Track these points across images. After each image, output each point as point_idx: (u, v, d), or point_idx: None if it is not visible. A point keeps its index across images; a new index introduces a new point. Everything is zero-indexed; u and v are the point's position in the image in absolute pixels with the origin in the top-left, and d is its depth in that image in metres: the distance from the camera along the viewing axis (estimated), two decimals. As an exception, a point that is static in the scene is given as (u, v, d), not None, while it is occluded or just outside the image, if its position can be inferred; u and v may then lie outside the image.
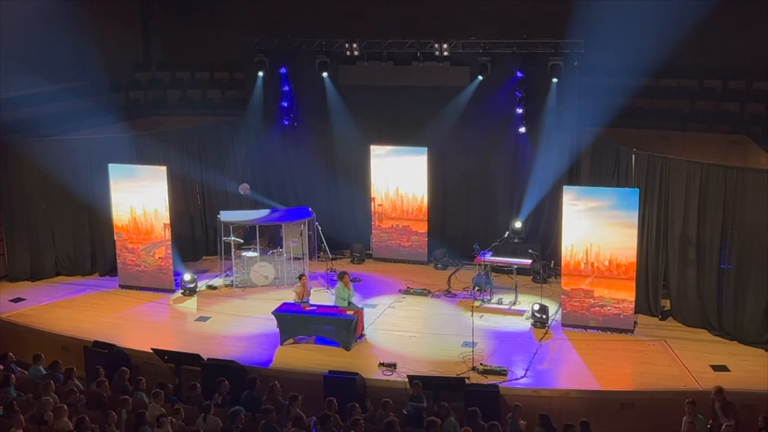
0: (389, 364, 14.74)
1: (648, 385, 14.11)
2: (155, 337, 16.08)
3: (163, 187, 18.16)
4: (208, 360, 14.61)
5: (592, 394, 13.89)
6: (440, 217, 20.61)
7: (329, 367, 14.44)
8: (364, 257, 20.67)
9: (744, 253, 15.29)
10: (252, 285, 18.84)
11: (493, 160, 20.04)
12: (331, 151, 21.14)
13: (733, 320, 15.60)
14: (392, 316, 17.22)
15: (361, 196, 20.75)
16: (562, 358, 15.26)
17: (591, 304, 16.22)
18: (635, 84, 18.84)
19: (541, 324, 16.41)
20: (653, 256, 16.64)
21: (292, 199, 21.41)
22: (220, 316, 17.38)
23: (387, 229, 20.48)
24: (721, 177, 15.48)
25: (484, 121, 19.60)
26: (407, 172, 19.91)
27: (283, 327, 15.87)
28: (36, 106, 20.06)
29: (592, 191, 16.37)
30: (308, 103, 20.97)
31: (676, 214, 16.17)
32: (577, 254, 16.20)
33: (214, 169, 20.84)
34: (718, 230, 15.59)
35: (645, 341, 15.77)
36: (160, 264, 18.56)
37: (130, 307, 17.92)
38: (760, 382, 13.93)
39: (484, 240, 18.73)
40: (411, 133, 19.65)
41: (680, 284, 16.36)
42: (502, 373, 14.38)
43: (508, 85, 19.21)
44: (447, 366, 14.73)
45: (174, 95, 23.15)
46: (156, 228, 18.41)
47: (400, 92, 19.99)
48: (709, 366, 14.59)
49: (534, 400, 13.64)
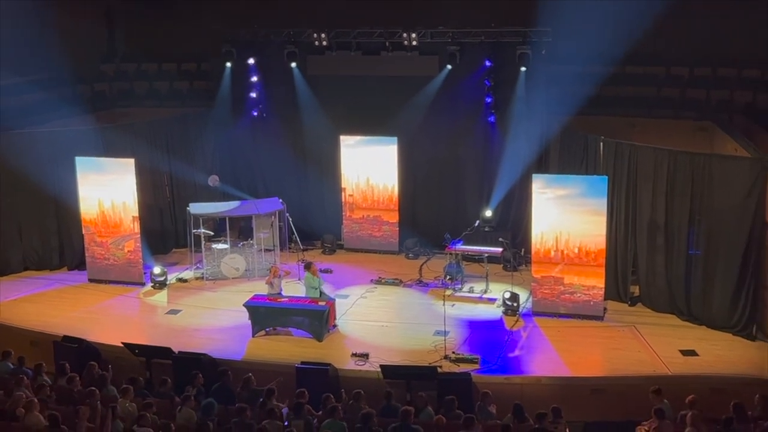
0: (361, 354, 14.75)
1: (618, 370, 14.25)
2: (125, 330, 15.96)
3: (131, 179, 18.00)
4: (179, 353, 14.53)
5: (563, 381, 14.01)
6: (411, 207, 20.63)
7: (301, 358, 14.42)
8: (335, 248, 20.65)
9: (712, 238, 15.46)
10: (223, 277, 18.76)
11: (463, 149, 20.08)
12: (301, 142, 21.06)
13: (702, 305, 15.79)
14: (364, 306, 17.23)
15: (331, 187, 20.71)
16: (533, 346, 15.36)
17: (561, 291, 16.34)
18: (602, 72, 18.93)
19: (512, 312, 16.50)
20: (622, 242, 16.78)
21: (261, 190, 21.31)
22: (191, 308, 17.29)
23: (358, 220, 20.47)
24: (688, 164, 15.63)
25: (453, 110, 19.63)
26: (377, 161, 19.90)
27: (255, 319, 15.82)
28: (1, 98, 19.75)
29: (561, 179, 16.47)
30: (277, 93, 20.87)
31: (644, 200, 16.31)
32: (546, 242, 16.30)
33: (182, 161, 20.67)
34: (685, 216, 15.75)
35: (615, 327, 15.92)
36: (129, 257, 18.42)
37: (99, 301, 17.77)
38: (729, 367, 14.14)
39: (455, 229, 18.79)
40: (381, 123, 19.62)
41: (649, 270, 16.53)
42: (474, 361, 14.45)
43: (477, 74, 19.24)
44: (419, 355, 14.77)
45: (140, 87, 22.92)
46: (125, 221, 18.26)
47: (369, 82, 19.95)
48: (678, 351, 14.76)
49: (506, 388, 13.73)
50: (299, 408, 11.70)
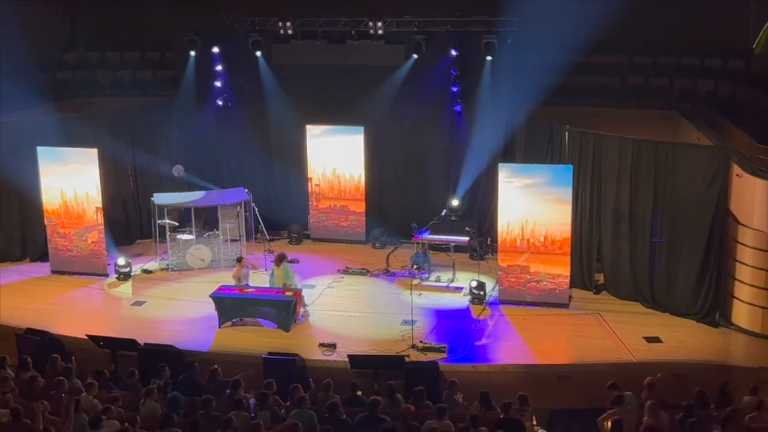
0: (329, 344, 14.74)
1: (584, 357, 14.38)
2: (90, 322, 15.78)
3: (95, 170, 17.80)
4: (144, 345, 14.41)
5: (529, 368, 14.11)
6: (378, 197, 20.62)
7: (268, 348, 14.37)
8: (302, 238, 20.59)
9: (675, 226, 15.65)
10: (188, 268, 18.63)
11: (430, 139, 20.09)
12: (267, 132, 20.94)
13: (665, 292, 15.97)
14: (331, 296, 17.21)
15: (297, 177, 20.64)
16: (499, 334, 15.44)
17: (527, 279, 16.43)
18: (567, 61, 19.03)
19: (479, 300, 16.57)
20: (587, 231, 16.91)
21: (227, 180, 21.14)
22: (156, 300, 17.16)
23: (324, 210, 20.42)
24: (651, 152, 15.78)
25: (419, 99, 19.61)
26: (344, 151, 19.85)
27: (221, 310, 15.74)
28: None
29: (527, 168, 16.55)
30: (242, 82, 20.71)
31: (609, 189, 16.44)
32: (513, 231, 16.38)
33: (146, 151, 20.45)
34: (649, 205, 15.91)
35: (580, 315, 16.05)
36: (93, 248, 18.22)
37: (63, 292, 17.57)
38: (692, 353, 14.34)
39: (422, 218, 18.82)
40: (347, 112, 19.55)
41: (613, 258, 16.68)
42: (441, 350, 14.49)
43: (443, 63, 19.24)
44: (386, 344, 14.79)
45: (103, 76, 22.62)
46: (88, 212, 18.05)
47: (335, 71, 19.87)
48: (642, 338, 14.93)
49: (473, 376, 13.80)
50: (264, 398, 11.66)
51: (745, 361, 14.03)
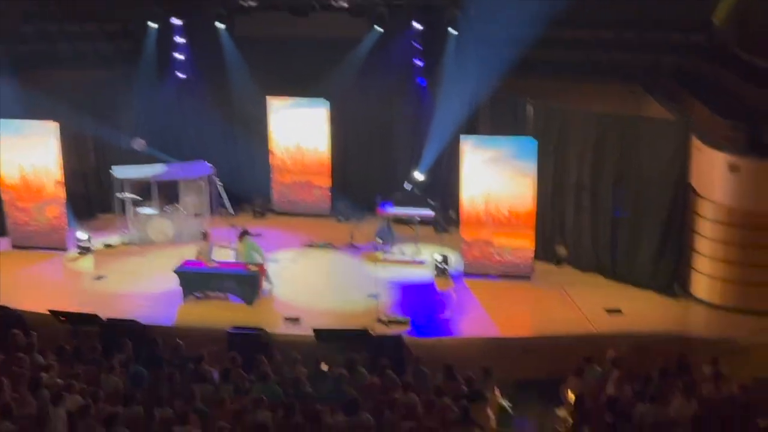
0: (293, 318, 14.74)
1: (546, 329, 14.54)
2: (51, 297, 15.58)
3: (54, 143, 17.56)
4: (107, 320, 14.29)
5: (492, 341, 14.22)
6: (342, 170, 20.55)
7: (233, 323, 14.33)
8: (266, 212, 20.49)
9: (637, 200, 15.81)
10: (150, 242, 18.48)
11: (394, 112, 20.05)
12: (229, 105, 20.74)
13: (627, 265, 16.15)
14: (296, 270, 17.16)
15: (260, 150, 20.48)
16: (463, 307, 15.55)
17: (491, 252, 16.53)
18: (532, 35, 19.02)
19: (443, 274, 16.64)
20: (550, 204, 17.02)
21: (189, 153, 20.89)
22: (118, 274, 17.02)
23: (288, 183, 20.32)
24: (614, 126, 15.90)
25: (383, 72, 19.51)
26: (307, 124, 19.75)
27: (185, 284, 15.65)
28: None
29: (491, 141, 16.59)
30: (204, 55, 20.47)
31: (572, 163, 16.54)
32: (476, 204, 16.45)
33: (107, 125, 20.11)
34: (612, 178, 16.06)
35: (543, 288, 16.19)
36: (53, 222, 18.01)
37: (23, 267, 17.35)
38: (652, 324, 14.53)
39: (386, 192, 18.81)
40: (310, 85, 19.41)
41: (576, 231, 16.82)
42: (406, 323, 14.56)
43: (407, 36, 19.16)
44: (351, 318, 14.82)
45: (63, 47, 22.20)
46: (47, 186, 17.83)
47: (298, 43, 19.69)
48: (603, 310, 15.09)
49: (437, 349, 13.88)
50: (227, 373, 11.62)
51: (704, 333, 14.26)
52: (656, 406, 10.90)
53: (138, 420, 10.37)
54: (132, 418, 10.44)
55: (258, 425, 10.19)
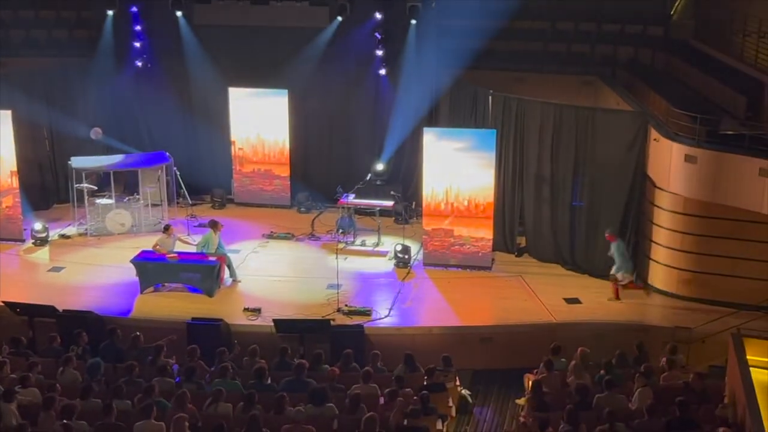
0: (254, 309, 14.67)
1: (506, 319, 14.64)
2: (6, 289, 15.33)
3: (8, 132, 17.24)
4: (63, 311, 14.11)
5: (453, 330, 14.30)
6: (302, 161, 20.46)
7: (192, 314, 14.25)
8: (225, 202, 20.34)
9: (595, 190, 15.96)
10: (108, 233, 18.26)
11: (355, 102, 20.00)
12: (188, 94, 20.53)
13: (585, 254, 16.32)
14: (256, 261, 17.09)
15: (220, 140, 20.31)
16: (424, 297, 15.59)
17: (451, 243, 16.59)
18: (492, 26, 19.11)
19: (404, 264, 16.68)
20: (510, 195, 17.12)
21: (147, 143, 20.71)
22: (75, 266, 16.80)
23: (248, 174, 20.18)
24: (572, 117, 16.01)
25: (344, 62, 19.48)
26: (268, 114, 19.59)
27: (143, 275, 15.48)
28: None
29: (451, 132, 16.64)
30: (162, 43, 20.21)
31: (531, 153, 16.65)
32: (437, 195, 16.49)
33: (63, 114, 19.84)
34: (570, 168, 16.18)
35: (502, 277, 16.30)
36: (8, 213, 17.71)
37: (-23, 259, 17.08)
38: (610, 313, 14.70)
39: (347, 182, 18.79)
40: (271, 75, 19.27)
41: (535, 221, 16.95)
42: (367, 313, 14.58)
43: (368, 26, 19.11)
44: (312, 309, 14.79)
45: (17, 35, 21.81)
46: (2, 176, 17.50)
47: (258, 33, 19.55)
48: (562, 299, 15.24)
49: (398, 338, 13.92)
50: (191, 372, 11.51)
51: (661, 321, 14.47)
52: (614, 393, 11.05)
53: (96, 412, 10.25)
54: (90, 410, 10.33)
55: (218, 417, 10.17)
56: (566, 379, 11.77)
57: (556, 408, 10.83)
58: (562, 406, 10.58)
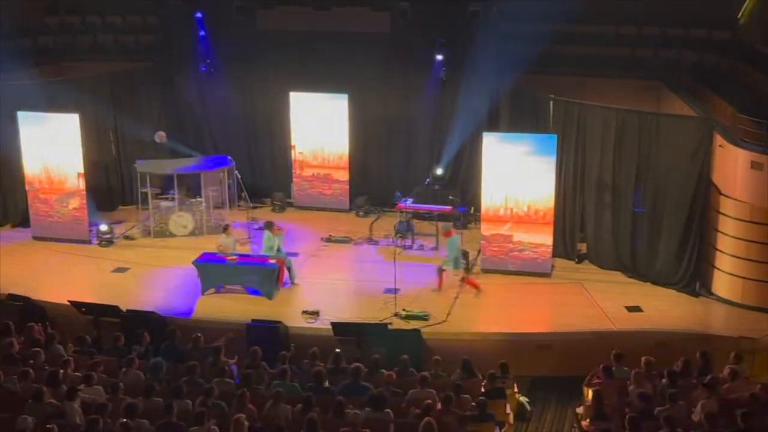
0: (312, 311, 14.76)
1: (564, 326, 14.48)
2: (72, 288, 15.71)
3: (76, 135, 17.64)
4: (127, 311, 14.37)
5: (510, 336, 14.18)
6: (361, 165, 20.54)
7: (252, 316, 14.38)
8: (285, 206, 20.51)
9: (658, 196, 15.72)
10: (170, 235, 18.55)
11: (414, 107, 19.99)
12: (250, 98, 20.78)
13: (647, 262, 16.07)
14: (314, 264, 17.20)
15: (281, 144, 20.53)
16: (481, 302, 15.50)
17: (510, 248, 16.47)
18: (553, 30, 18.96)
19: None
20: (570, 200, 16.96)
21: (210, 147, 21.02)
22: (139, 266, 17.10)
23: (308, 177, 20.34)
24: (635, 122, 15.79)
25: (404, 67, 19.51)
26: (328, 119, 19.72)
27: (204, 277, 15.70)
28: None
29: (511, 137, 16.53)
30: (226, 48, 20.46)
31: (593, 159, 16.46)
32: (496, 200, 16.40)
33: (128, 117, 20.27)
34: (632, 174, 15.96)
35: (562, 284, 16.14)
36: (74, 214, 18.11)
37: (44, 258, 17.49)
38: (672, 322, 14.45)
39: (406, 187, 18.82)
40: (331, 80, 19.40)
41: (596, 228, 16.75)
42: (424, 317, 14.54)
43: (428, 31, 19.10)
44: (369, 312, 14.83)
45: (85, 40, 22.33)
46: (69, 178, 17.91)
47: (320, 38, 19.67)
48: (623, 307, 15.03)
49: (455, 344, 13.88)
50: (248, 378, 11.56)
51: (725, 331, 14.16)
52: (677, 404, 10.85)
53: (157, 412, 10.43)
54: (152, 409, 10.51)
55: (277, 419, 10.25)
56: (627, 388, 11.58)
57: (616, 417, 10.68)
58: (622, 414, 10.43)
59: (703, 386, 11.08)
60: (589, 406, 11.38)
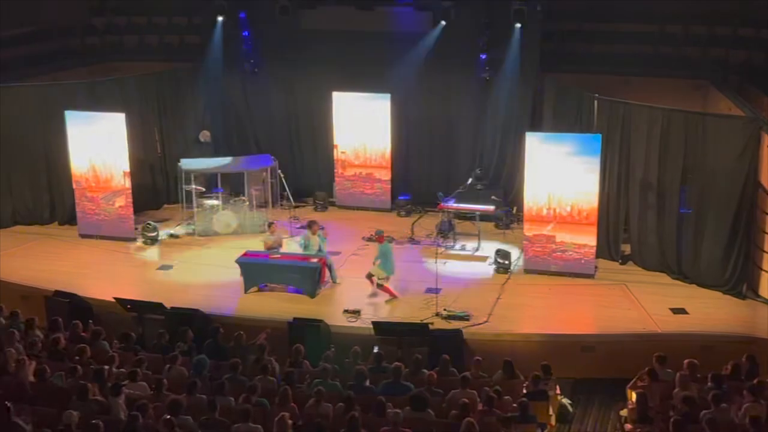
0: (353, 310, 14.79)
1: (608, 328, 14.33)
2: (117, 286, 15.94)
3: (122, 134, 17.87)
4: (171, 308, 14.53)
5: (553, 338, 14.08)
6: (403, 164, 20.55)
7: (293, 314, 14.45)
8: (327, 205, 20.59)
9: (704, 197, 15.48)
10: (214, 233, 18.72)
11: (456, 106, 19.96)
12: (293, 98, 20.90)
13: (692, 263, 15.84)
14: (356, 264, 17.22)
15: (323, 144, 20.61)
16: (524, 303, 15.42)
17: (553, 249, 16.36)
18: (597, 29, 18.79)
19: (504, 269, 16.54)
20: (614, 201, 16.78)
21: (253, 146, 21.19)
22: (183, 264, 17.28)
23: (350, 177, 20.39)
24: (681, 122, 15.58)
25: (447, 66, 19.46)
26: (370, 118, 19.76)
27: (247, 275, 15.81)
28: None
29: (555, 137, 16.40)
30: (269, 48, 20.63)
31: (637, 159, 16.28)
32: (539, 200, 16.29)
33: (173, 116, 20.53)
34: (678, 175, 15.74)
35: (605, 285, 15.98)
36: (120, 212, 18.35)
37: (90, 256, 17.75)
38: (718, 325, 14.23)
39: (447, 187, 18.77)
40: (374, 79, 19.43)
41: (640, 229, 16.55)
42: (465, 318, 14.50)
43: (471, 30, 19.05)
44: (411, 312, 14.82)
45: (131, 40, 22.64)
46: (115, 176, 18.16)
47: (362, 37, 19.71)
48: (668, 309, 14.83)
49: (496, 345, 13.82)
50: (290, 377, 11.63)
51: (772, 335, 13.93)
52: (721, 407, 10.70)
53: (201, 408, 10.53)
54: (195, 406, 10.62)
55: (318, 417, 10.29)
56: (672, 391, 11.44)
57: (659, 420, 10.55)
58: (666, 418, 10.31)
59: (748, 390, 10.91)
60: (632, 409, 11.27)
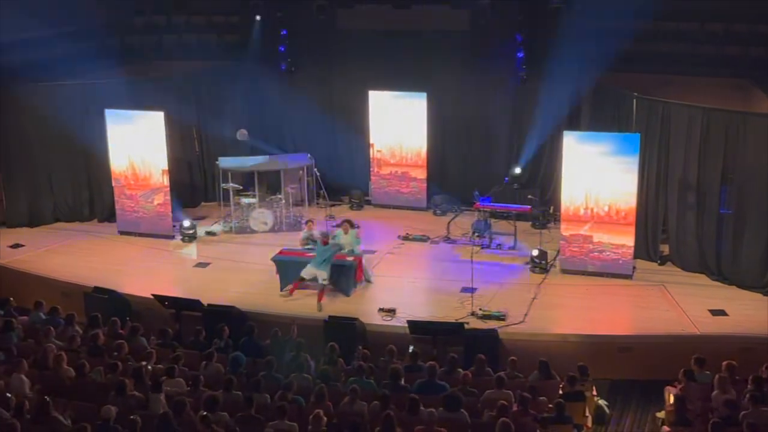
0: (388, 309, 14.80)
1: (646, 329, 14.19)
2: (155, 282, 16.10)
3: (161, 132, 18.04)
4: (208, 305, 14.65)
5: (590, 338, 13.97)
6: (439, 163, 20.53)
7: (329, 312, 14.51)
8: (363, 203, 20.64)
9: (744, 198, 15.26)
10: (251, 231, 18.84)
11: (493, 105, 19.90)
12: (330, 97, 20.96)
13: (732, 265, 15.63)
14: (391, 262, 17.25)
15: (359, 142, 20.64)
16: (560, 303, 15.32)
17: (590, 249, 16.23)
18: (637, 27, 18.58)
19: (540, 269, 16.45)
20: (653, 201, 16.62)
21: (290, 144, 21.30)
22: (220, 262, 17.40)
23: (386, 175, 20.41)
24: (722, 122, 15.38)
25: (484, 65, 19.41)
26: (406, 117, 19.76)
27: (283, 273, 15.88)
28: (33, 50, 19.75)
29: (593, 136, 16.27)
30: (306, 47, 20.73)
31: (677, 159, 16.10)
32: (576, 200, 16.17)
33: (211, 115, 20.68)
34: (717, 175, 15.53)
35: (643, 286, 15.82)
36: (158, 210, 18.53)
37: (129, 253, 17.95)
38: (758, 326, 14.01)
39: (484, 186, 18.72)
40: (410, 78, 19.46)
41: (679, 229, 16.37)
42: (501, 317, 14.45)
43: (509, 28, 18.97)
44: (446, 311, 14.79)
45: (170, 39, 22.83)
46: (154, 174, 18.34)
47: (399, 36, 19.75)
48: (707, 311, 14.65)
49: (532, 345, 13.74)
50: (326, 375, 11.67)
51: (813, 337, 13.70)
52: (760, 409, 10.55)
53: (237, 405, 10.61)
54: (231, 402, 10.70)
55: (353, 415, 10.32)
56: (710, 393, 11.30)
57: (698, 422, 10.43)
58: (705, 420, 10.18)
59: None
60: (670, 411, 11.15)
